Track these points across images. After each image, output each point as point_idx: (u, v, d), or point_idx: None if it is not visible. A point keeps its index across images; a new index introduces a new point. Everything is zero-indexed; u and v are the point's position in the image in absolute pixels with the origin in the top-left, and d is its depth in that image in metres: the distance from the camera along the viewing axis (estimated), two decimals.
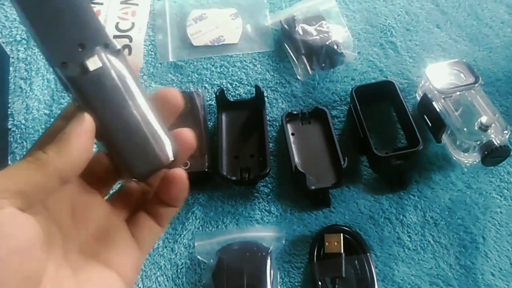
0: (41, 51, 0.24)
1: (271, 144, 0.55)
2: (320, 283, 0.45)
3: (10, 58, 0.60)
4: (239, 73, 0.60)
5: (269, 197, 0.52)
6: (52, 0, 0.24)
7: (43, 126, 0.56)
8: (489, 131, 0.48)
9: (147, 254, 0.29)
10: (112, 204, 0.28)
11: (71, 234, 0.25)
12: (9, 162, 0.53)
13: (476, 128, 0.48)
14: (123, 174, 0.26)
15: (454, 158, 0.52)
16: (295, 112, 0.55)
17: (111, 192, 0.29)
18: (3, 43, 0.61)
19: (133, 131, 0.25)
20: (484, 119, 0.48)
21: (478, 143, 0.48)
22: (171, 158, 0.25)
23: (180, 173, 0.27)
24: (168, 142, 0.25)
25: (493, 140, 0.47)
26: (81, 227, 0.26)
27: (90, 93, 0.24)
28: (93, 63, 0.24)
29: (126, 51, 0.23)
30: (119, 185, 0.29)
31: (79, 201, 0.26)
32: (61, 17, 0.24)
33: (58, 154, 0.23)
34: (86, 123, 0.24)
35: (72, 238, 0.25)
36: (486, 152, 0.47)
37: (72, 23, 0.24)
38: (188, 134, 0.27)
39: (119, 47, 0.25)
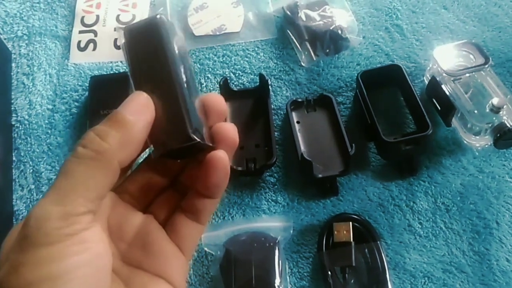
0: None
1: (276, 133, 0.54)
2: (330, 272, 0.44)
3: (12, 54, 0.60)
4: (242, 62, 0.59)
5: (276, 186, 0.51)
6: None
7: (46, 121, 0.55)
8: (501, 112, 0.46)
9: (191, 255, 0.27)
10: (146, 212, 0.26)
11: (111, 246, 0.24)
12: (13, 158, 0.53)
13: (488, 110, 0.47)
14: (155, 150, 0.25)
15: (465, 142, 0.50)
16: (300, 100, 0.54)
17: None
18: (5, 39, 0.61)
19: (168, 104, 0.24)
20: (495, 101, 0.46)
21: (490, 125, 0.47)
22: (195, 137, 0.24)
23: (221, 156, 0.24)
24: (197, 122, 0.24)
25: (505, 122, 0.46)
26: (118, 238, 0.24)
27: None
28: None
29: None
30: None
31: (112, 212, 0.25)
32: None
33: (120, 143, 0.21)
34: (145, 98, 0.23)
35: (113, 249, 0.24)
36: (498, 135, 0.46)
37: None
38: (231, 128, 0.25)
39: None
